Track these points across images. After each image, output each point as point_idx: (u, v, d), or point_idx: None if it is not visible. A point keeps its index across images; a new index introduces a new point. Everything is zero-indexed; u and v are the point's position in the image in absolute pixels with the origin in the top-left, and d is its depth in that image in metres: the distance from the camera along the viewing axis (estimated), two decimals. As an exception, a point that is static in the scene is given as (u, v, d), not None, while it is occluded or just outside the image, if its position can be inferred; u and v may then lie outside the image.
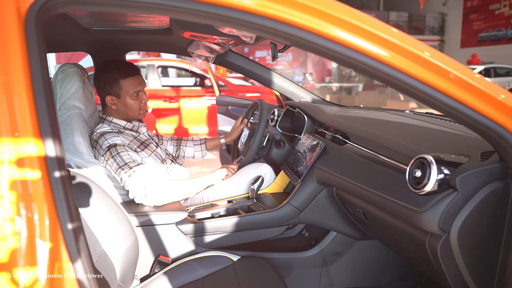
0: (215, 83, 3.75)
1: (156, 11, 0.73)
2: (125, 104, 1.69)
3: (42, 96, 0.65)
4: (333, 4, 0.74)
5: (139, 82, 1.69)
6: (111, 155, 1.56)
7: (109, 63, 1.70)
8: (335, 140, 1.64)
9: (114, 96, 1.68)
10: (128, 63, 1.72)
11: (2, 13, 0.64)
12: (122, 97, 1.68)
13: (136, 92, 1.68)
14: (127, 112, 1.71)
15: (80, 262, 0.68)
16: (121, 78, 1.66)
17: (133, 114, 1.72)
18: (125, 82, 1.66)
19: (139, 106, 1.71)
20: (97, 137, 1.61)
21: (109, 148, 1.57)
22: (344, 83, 15.64)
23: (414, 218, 1.01)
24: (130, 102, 1.69)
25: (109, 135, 1.61)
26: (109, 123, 1.70)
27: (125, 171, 1.53)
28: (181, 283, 1.30)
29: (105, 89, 1.68)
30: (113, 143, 1.58)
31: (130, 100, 1.68)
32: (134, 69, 1.70)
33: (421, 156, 0.98)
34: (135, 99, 1.69)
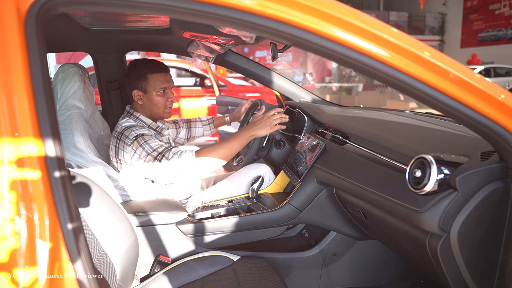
0: (215, 83, 3.75)
1: (156, 11, 0.73)
2: (151, 99, 1.68)
3: (42, 96, 0.65)
4: (333, 4, 0.74)
5: (166, 79, 1.70)
6: (139, 144, 1.55)
7: (139, 60, 1.72)
8: (335, 140, 1.64)
9: (141, 91, 1.68)
10: (157, 62, 1.72)
11: (2, 13, 0.64)
12: (149, 92, 1.68)
13: (163, 89, 1.68)
14: (153, 108, 1.70)
15: (80, 262, 0.68)
16: (149, 73, 1.66)
17: (158, 111, 1.71)
18: (152, 77, 1.67)
19: (164, 104, 1.70)
20: (123, 129, 1.61)
21: (136, 137, 1.56)
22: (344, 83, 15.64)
23: (414, 218, 1.01)
24: (156, 99, 1.68)
25: (135, 128, 1.61)
26: (135, 119, 1.70)
27: (155, 157, 1.53)
28: (181, 283, 1.30)
29: (133, 83, 1.69)
30: (141, 133, 1.58)
31: (156, 96, 1.68)
32: (162, 66, 1.71)
33: (421, 156, 0.98)
34: (161, 96, 1.69)
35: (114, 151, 1.63)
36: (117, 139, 1.61)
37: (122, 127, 1.63)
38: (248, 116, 2.22)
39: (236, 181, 1.90)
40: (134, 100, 1.71)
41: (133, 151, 1.56)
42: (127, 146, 1.57)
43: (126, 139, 1.57)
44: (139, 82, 1.67)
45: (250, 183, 1.84)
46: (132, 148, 1.56)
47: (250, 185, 1.83)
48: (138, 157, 1.55)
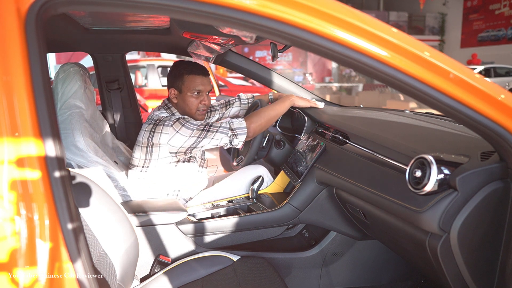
0: (215, 83, 3.75)
1: (156, 11, 0.73)
2: (184, 99, 1.71)
3: (42, 96, 0.65)
4: (333, 4, 0.74)
5: (202, 82, 1.72)
6: (181, 124, 1.60)
7: (182, 60, 1.78)
8: (335, 140, 1.64)
9: (176, 89, 1.72)
10: (198, 64, 1.76)
11: (2, 13, 0.64)
12: (183, 92, 1.71)
13: (197, 91, 1.71)
14: (185, 108, 1.73)
15: (80, 262, 0.68)
16: (186, 74, 1.70)
17: (190, 111, 1.73)
18: (188, 78, 1.70)
19: (197, 106, 1.73)
20: (161, 118, 1.67)
21: (178, 119, 1.62)
22: (344, 83, 15.65)
23: (414, 218, 1.01)
24: (189, 99, 1.71)
25: (173, 116, 1.67)
26: (170, 114, 1.73)
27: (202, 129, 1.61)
28: (181, 283, 1.30)
29: (171, 81, 1.74)
30: (182, 116, 1.66)
31: (190, 97, 1.71)
32: (201, 69, 1.73)
33: (421, 156, 0.98)
34: (194, 97, 1.71)
35: (146, 136, 1.66)
36: (153, 124, 1.65)
37: (160, 116, 1.68)
38: (248, 115, 2.21)
39: (236, 181, 1.90)
40: (170, 98, 1.76)
41: (174, 131, 1.60)
42: (168, 127, 1.61)
43: (167, 122, 1.62)
44: (176, 81, 1.72)
45: (250, 183, 1.84)
46: (174, 128, 1.60)
47: (250, 185, 1.83)
48: (180, 136, 1.60)
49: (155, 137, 1.63)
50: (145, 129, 1.68)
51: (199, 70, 1.72)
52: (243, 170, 1.93)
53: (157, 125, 1.64)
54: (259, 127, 1.72)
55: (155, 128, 1.64)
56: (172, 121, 1.62)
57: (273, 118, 1.76)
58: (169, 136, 1.60)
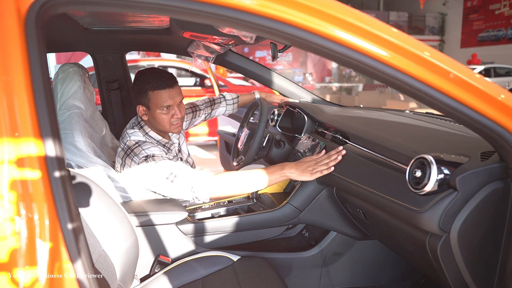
0: (215, 83, 3.75)
1: (156, 11, 0.73)
2: (154, 117, 1.59)
3: (42, 96, 0.65)
4: (333, 4, 0.74)
5: (169, 95, 1.57)
6: (149, 166, 1.48)
7: (144, 71, 1.60)
8: (335, 140, 1.64)
9: (144, 106, 1.60)
10: (163, 73, 1.59)
11: (2, 13, 0.64)
12: (152, 110, 1.58)
13: (166, 107, 1.57)
14: (157, 125, 1.62)
15: (80, 262, 0.68)
16: (150, 90, 1.55)
17: (163, 128, 1.62)
18: (154, 94, 1.55)
19: (169, 121, 1.60)
20: (132, 144, 1.55)
21: (146, 158, 1.49)
22: (344, 83, 15.65)
23: (414, 218, 1.01)
24: (160, 117, 1.58)
25: (146, 145, 1.54)
26: (144, 134, 1.63)
27: (167, 178, 1.45)
28: (181, 283, 1.30)
29: (137, 98, 1.61)
30: (152, 153, 1.50)
31: (159, 114, 1.58)
32: (166, 81, 1.57)
33: (421, 156, 0.98)
34: (165, 114, 1.58)
35: (119, 163, 1.58)
36: (125, 153, 1.55)
37: (132, 141, 1.56)
38: (248, 116, 2.21)
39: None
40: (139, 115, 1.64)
41: (141, 170, 1.50)
42: (135, 164, 1.51)
43: (135, 157, 1.51)
44: (142, 98, 1.58)
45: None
46: (141, 168, 1.50)
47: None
48: (146, 176, 1.50)
49: (126, 168, 1.55)
50: (119, 155, 1.59)
51: (163, 83, 1.55)
52: (244, 169, 1.93)
53: (127, 155, 1.54)
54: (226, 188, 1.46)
55: (126, 158, 1.54)
56: (140, 158, 1.50)
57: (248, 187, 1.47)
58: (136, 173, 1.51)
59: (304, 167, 1.45)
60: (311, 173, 1.44)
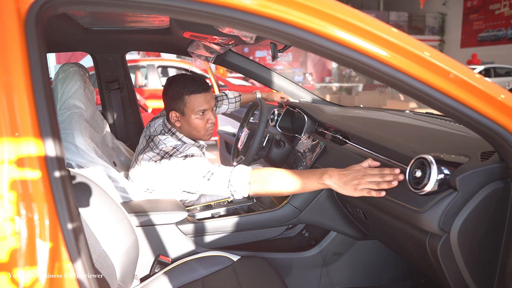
0: (215, 83, 3.75)
1: (156, 11, 0.73)
2: (189, 122, 1.56)
3: (42, 96, 0.65)
4: (333, 4, 0.74)
5: (206, 100, 1.55)
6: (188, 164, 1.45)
7: (177, 77, 1.57)
8: (335, 140, 1.64)
9: (178, 112, 1.56)
10: (197, 78, 1.57)
11: (2, 13, 0.64)
12: (187, 115, 1.55)
13: (202, 111, 1.55)
14: (191, 131, 1.59)
15: (80, 262, 0.68)
16: (186, 94, 1.53)
17: (197, 134, 1.59)
18: (190, 99, 1.53)
19: (204, 127, 1.58)
20: (171, 151, 1.50)
21: (186, 157, 1.46)
22: (344, 83, 15.65)
23: (414, 218, 1.01)
24: (195, 122, 1.56)
25: (185, 147, 1.51)
26: (177, 139, 1.59)
27: (203, 176, 1.41)
28: (181, 283, 1.30)
29: (170, 104, 1.56)
30: (191, 153, 1.48)
31: (195, 119, 1.55)
32: (202, 85, 1.55)
33: (421, 156, 0.98)
34: (200, 118, 1.56)
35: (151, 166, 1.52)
36: (162, 157, 1.50)
37: (169, 147, 1.51)
38: (248, 116, 2.21)
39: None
40: (171, 122, 1.60)
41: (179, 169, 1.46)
42: (174, 164, 1.47)
43: (173, 158, 1.48)
44: (176, 103, 1.54)
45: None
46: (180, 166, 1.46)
47: (250, 185, 1.83)
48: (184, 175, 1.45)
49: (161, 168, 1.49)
50: (152, 158, 1.52)
51: (200, 87, 1.54)
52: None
53: (164, 159, 1.49)
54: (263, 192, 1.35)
55: (161, 160, 1.49)
56: (178, 158, 1.47)
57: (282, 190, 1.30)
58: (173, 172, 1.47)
59: (348, 178, 1.16)
60: (355, 189, 1.14)
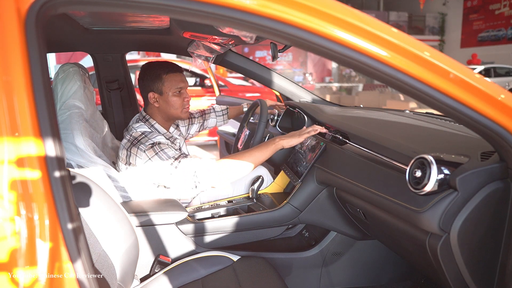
0: (215, 83, 3.75)
1: (156, 11, 0.73)
2: (168, 101, 1.66)
3: (42, 96, 0.65)
4: (333, 4, 0.74)
5: (181, 79, 1.68)
6: (155, 152, 1.53)
7: (152, 62, 1.70)
8: (335, 140, 1.64)
9: (156, 92, 1.66)
10: (171, 62, 1.70)
11: (2, 13, 0.64)
12: (165, 94, 1.65)
13: (179, 89, 1.66)
14: (170, 109, 1.67)
15: (80, 262, 0.68)
16: (164, 74, 1.64)
17: (175, 111, 1.68)
18: (168, 78, 1.64)
19: (181, 104, 1.68)
20: (138, 135, 1.59)
21: (153, 145, 1.54)
22: (344, 83, 15.65)
23: (414, 218, 1.01)
24: (173, 99, 1.66)
25: (152, 134, 1.59)
26: (150, 126, 1.68)
27: (171, 163, 1.50)
28: (181, 283, 1.30)
29: (148, 86, 1.66)
30: (158, 141, 1.56)
31: (173, 96, 1.66)
32: (176, 66, 1.69)
33: (421, 156, 0.98)
34: (177, 96, 1.66)
35: (124, 154, 1.61)
36: (131, 143, 1.58)
37: (138, 132, 1.60)
38: (248, 116, 2.21)
39: (236, 181, 1.90)
40: (149, 103, 1.68)
41: (147, 157, 1.54)
42: (142, 152, 1.55)
43: (141, 145, 1.55)
44: (154, 83, 1.64)
45: (250, 183, 1.85)
46: (147, 155, 1.54)
47: (250, 185, 1.83)
48: (152, 164, 1.53)
49: (132, 158, 1.58)
50: (124, 146, 1.62)
51: (175, 68, 1.68)
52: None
53: (133, 145, 1.58)
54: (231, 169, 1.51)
55: (131, 148, 1.58)
56: (146, 146, 1.54)
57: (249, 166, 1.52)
58: (143, 161, 1.55)
59: (294, 135, 1.61)
60: (299, 136, 1.60)
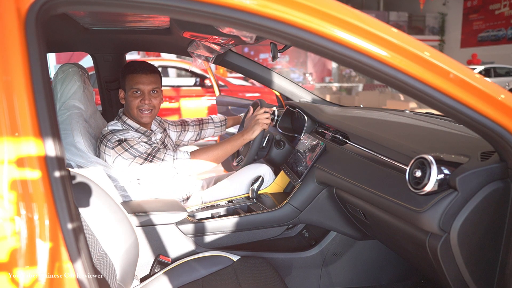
0: (215, 83, 3.75)
1: (156, 11, 0.73)
2: (126, 99, 1.68)
3: (42, 96, 0.65)
4: (333, 4, 0.74)
5: (141, 80, 1.64)
6: (124, 149, 1.55)
7: (132, 61, 1.72)
8: (335, 140, 1.64)
9: (123, 90, 1.70)
10: (144, 63, 1.69)
11: (2, 13, 0.64)
12: (126, 92, 1.68)
13: (135, 89, 1.64)
14: (128, 109, 1.69)
15: (80, 262, 0.68)
16: (128, 73, 1.66)
17: (131, 112, 1.68)
18: (129, 77, 1.65)
19: (136, 105, 1.65)
20: (107, 133, 1.61)
21: (119, 142, 1.56)
22: (344, 83, 15.65)
23: (414, 218, 1.01)
24: (129, 99, 1.66)
25: (119, 132, 1.61)
26: (122, 123, 1.70)
27: (145, 158, 1.55)
28: (181, 283, 1.30)
29: (120, 82, 1.71)
30: (123, 137, 1.58)
31: (129, 96, 1.66)
32: (145, 67, 1.66)
33: (421, 156, 0.98)
34: (133, 96, 1.65)
35: (98, 154, 1.62)
36: (100, 142, 1.61)
37: (107, 130, 1.63)
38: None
39: (236, 181, 1.90)
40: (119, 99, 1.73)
41: (116, 154, 1.56)
42: (109, 149, 1.57)
43: (108, 143, 1.57)
44: (122, 81, 1.69)
45: (250, 183, 1.84)
46: (116, 151, 1.56)
47: (250, 185, 1.83)
48: (123, 160, 1.55)
49: (102, 156, 1.59)
50: (97, 146, 1.64)
51: (141, 68, 1.65)
52: (244, 169, 1.93)
53: (101, 143, 1.59)
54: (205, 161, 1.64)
55: (100, 146, 1.59)
56: (113, 143, 1.55)
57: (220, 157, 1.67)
58: (112, 158, 1.56)
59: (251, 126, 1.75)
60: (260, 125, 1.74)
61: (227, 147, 1.68)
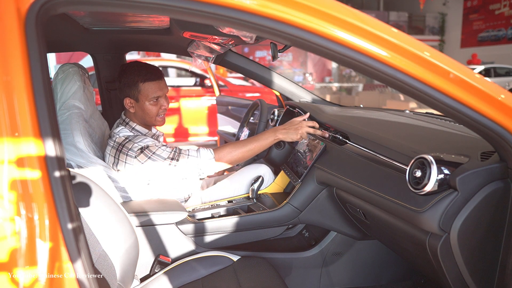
0: (215, 83, 3.75)
1: (156, 11, 0.73)
2: (143, 108, 1.63)
3: (42, 96, 0.65)
4: (333, 4, 0.74)
5: (159, 87, 1.63)
6: (147, 157, 1.53)
7: (131, 64, 1.65)
8: (335, 140, 1.64)
9: (132, 99, 1.63)
10: (150, 66, 1.65)
11: (2, 13, 0.64)
12: (141, 101, 1.62)
13: (156, 98, 1.63)
14: (145, 117, 1.65)
15: (80, 262, 0.68)
16: (141, 82, 1.60)
17: (150, 119, 1.66)
18: (144, 86, 1.60)
19: (156, 112, 1.65)
20: (123, 141, 1.58)
21: (142, 150, 1.54)
22: (344, 83, 15.65)
23: (414, 218, 1.01)
24: (148, 108, 1.63)
25: (137, 138, 1.58)
26: (131, 129, 1.66)
27: (169, 164, 1.55)
28: (181, 283, 1.30)
29: (124, 91, 1.63)
30: (146, 144, 1.55)
31: (149, 105, 1.62)
32: (155, 73, 1.63)
33: (421, 156, 0.98)
34: (153, 105, 1.63)
35: (112, 161, 1.60)
36: (116, 150, 1.58)
37: (121, 137, 1.60)
38: (248, 116, 2.21)
39: (236, 181, 1.90)
40: (126, 108, 1.68)
41: (139, 162, 1.54)
42: (132, 158, 1.54)
43: (130, 151, 1.54)
44: (131, 90, 1.61)
45: (250, 183, 1.84)
46: (139, 160, 1.54)
47: (250, 185, 1.83)
48: (148, 167, 1.54)
49: (121, 165, 1.57)
50: (109, 153, 1.60)
51: (153, 75, 1.62)
52: (244, 169, 1.93)
53: (120, 152, 1.56)
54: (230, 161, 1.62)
55: (119, 155, 1.57)
56: (135, 152, 1.54)
57: (246, 156, 1.63)
58: (134, 168, 1.55)
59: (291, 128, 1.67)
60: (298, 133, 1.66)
61: (254, 146, 1.63)
